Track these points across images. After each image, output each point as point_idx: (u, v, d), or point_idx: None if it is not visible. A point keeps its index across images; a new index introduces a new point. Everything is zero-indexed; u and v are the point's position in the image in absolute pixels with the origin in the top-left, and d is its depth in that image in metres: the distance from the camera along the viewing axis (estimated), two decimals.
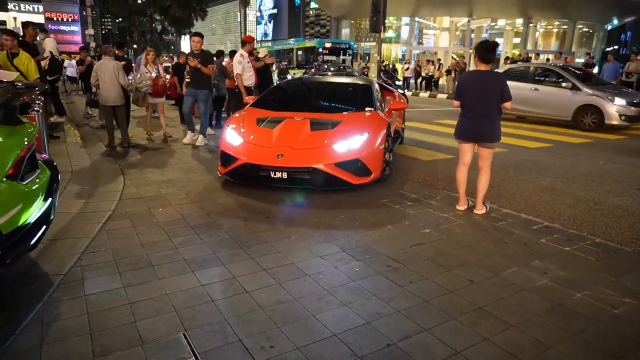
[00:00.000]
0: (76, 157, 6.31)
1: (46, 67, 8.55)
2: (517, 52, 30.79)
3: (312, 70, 21.07)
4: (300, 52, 29.72)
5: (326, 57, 26.34)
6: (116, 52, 8.64)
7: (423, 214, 4.24)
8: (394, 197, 4.74)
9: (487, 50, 4.08)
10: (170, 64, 14.25)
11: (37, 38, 8.73)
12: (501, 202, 4.75)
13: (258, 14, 56.48)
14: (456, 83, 4.46)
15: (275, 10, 53.26)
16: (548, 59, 20.25)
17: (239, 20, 49.06)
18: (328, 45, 28.49)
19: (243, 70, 7.41)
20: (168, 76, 9.58)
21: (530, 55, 20.38)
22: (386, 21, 28.19)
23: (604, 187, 5.37)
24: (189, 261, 3.13)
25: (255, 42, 8.01)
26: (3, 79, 4.76)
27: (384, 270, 3.05)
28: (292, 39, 34.59)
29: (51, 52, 9.34)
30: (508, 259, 3.29)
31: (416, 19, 35.13)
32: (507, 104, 4.14)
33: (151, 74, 7.83)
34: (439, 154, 7.22)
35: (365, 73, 23.65)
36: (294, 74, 24.24)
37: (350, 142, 4.75)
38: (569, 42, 33.16)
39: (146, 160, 6.29)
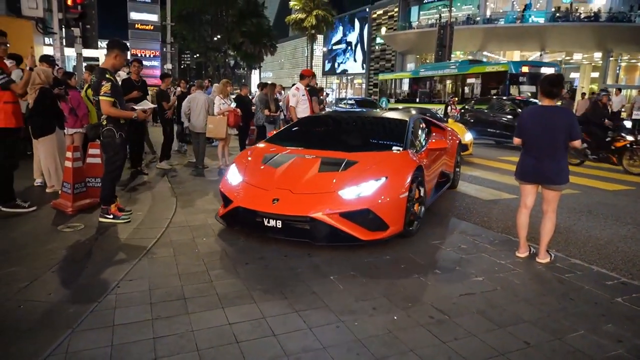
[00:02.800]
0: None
1: None
2: (595, 86, 28.98)
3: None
4: (472, 81, 20.44)
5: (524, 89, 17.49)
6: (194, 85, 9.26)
7: (477, 260, 3.87)
8: (447, 239, 4.40)
9: (552, 84, 3.75)
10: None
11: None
12: (569, 250, 4.26)
13: (325, 50, 58.20)
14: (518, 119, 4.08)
15: (343, 46, 54.56)
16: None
17: (305, 55, 50.81)
18: (527, 69, 18.02)
19: (297, 103, 7.47)
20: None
21: (608, 90, 18.96)
22: (452, 55, 27.86)
23: None
24: (221, 296, 3.03)
25: (313, 76, 8.04)
26: (145, 107, 5.19)
27: (426, 322, 2.76)
28: (454, 61, 23.97)
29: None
30: (574, 319, 2.86)
31: (484, 53, 34.34)
32: (577, 143, 3.74)
33: (228, 104, 8.12)
34: (501, 193, 6.75)
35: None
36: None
37: (362, 188, 3.96)
38: None
39: (201, 189, 6.42)
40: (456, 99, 17.85)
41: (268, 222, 3.92)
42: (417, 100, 23.33)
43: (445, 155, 5.94)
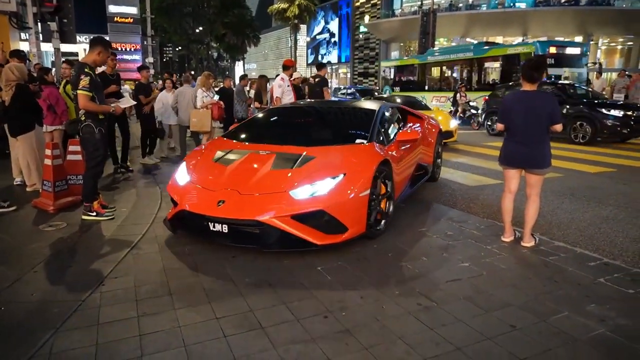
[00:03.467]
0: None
1: None
2: None
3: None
4: (490, 65, 18.40)
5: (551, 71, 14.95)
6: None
7: (463, 245, 3.90)
8: (433, 226, 4.42)
9: (533, 68, 3.76)
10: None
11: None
12: (553, 233, 4.31)
13: (308, 39, 57.78)
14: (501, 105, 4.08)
15: (326, 36, 54.20)
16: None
17: (289, 45, 50.38)
18: (554, 50, 15.80)
19: (282, 94, 7.42)
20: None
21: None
22: (436, 42, 27.85)
23: None
24: (207, 291, 3.01)
25: (295, 65, 7.99)
26: (127, 104, 5.07)
27: (414, 310, 2.77)
28: (466, 45, 22.54)
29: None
30: (559, 301, 2.90)
31: (467, 39, 34.46)
32: (558, 127, 3.77)
33: (211, 97, 8.00)
34: (485, 179, 6.80)
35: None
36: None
37: (317, 187, 3.57)
38: (634, 59, 31.16)
39: None
40: (464, 86, 16.42)
41: (213, 226, 3.53)
42: (426, 87, 21.01)
43: (421, 146, 5.60)
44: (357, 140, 4.38)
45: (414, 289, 3.04)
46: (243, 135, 4.91)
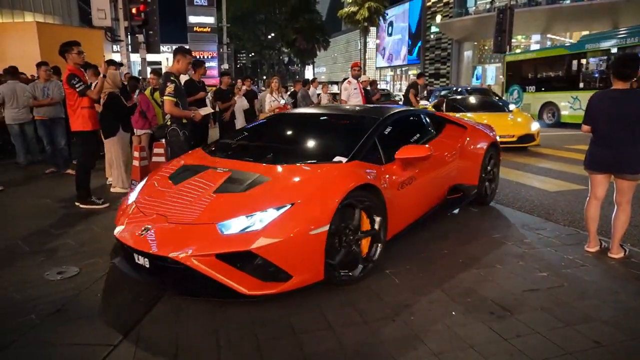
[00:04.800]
0: None
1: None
2: None
3: None
4: None
5: None
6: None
7: (542, 254, 3.69)
8: (509, 232, 4.22)
9: (625, 65, 3.47)
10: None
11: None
12: None
13: (377, 41, 57.48)
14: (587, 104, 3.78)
15: (399, 36, 53.59)
16: None
17: (359, 48, 50.50)
18: None
19: (349, 97, 7.47)
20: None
21: None
22: (513, 40, 26.45)
23: None
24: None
25: (359, 67, 7.88)
26: (204, 113, 5.46)
27: (486, 318, 2.67)
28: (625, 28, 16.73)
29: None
30: None
31: (548, 35, 32.37)
32: None
33: (278, 101, 8.24)
34: (567, 184, 6.36)
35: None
36: None
37: (254, 219, 2.78)
38: None
39: None
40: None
41: (138, 258, 2.90)
42: (581, 85, 15.65)
43: (457, 162, 4.57)
44: (336, 158, 3.40)
45: (487, 297, 2.93)
46: (217, 147, 4.19)
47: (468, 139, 4.85)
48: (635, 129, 3.44)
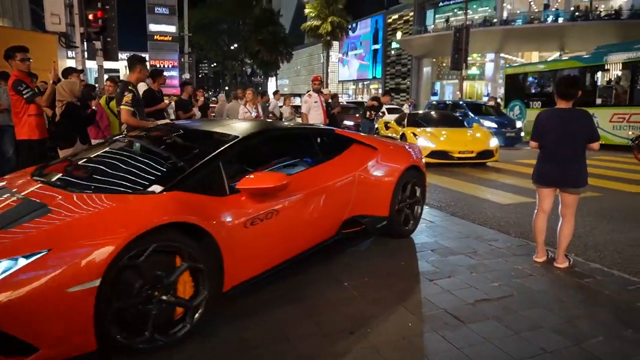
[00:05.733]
0: None
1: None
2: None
3: None
4: None
5: None
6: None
7: (494, 265, 3.83)
8: (462, 244, 4.36)
9: (569, 86, 3.71)
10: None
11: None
12: (588, 255, 4.18)
13: (340, 55, 58.40)
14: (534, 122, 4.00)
15: (361, 51, 54.60)
16: None
17: (321, 61, 51.11)
18: None
19: (309, 110, 7.53)
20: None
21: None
22: (469, 58, 27.55)
23: None
24: (239, 307, 3.07)
25: (319, 82, 7.90)
26: (151, 124, 5.28)
27: (440, 327, 2.74)
28: None
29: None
30: (594, 325, 2.80)
31: (501, 55, 33.99)
32: (595, 145, 3.70)
33: (251, 113, 8.18)
34: (517, 197, 6.65)
35: None
36: None
37: None
38: None
39: None
40: None
41: None
42: (598, 101, 14.08)
43: (356, 189, 3.89)
44: (152, 187, 2.73)
45: (441, 307, 3.01)
46: (48, 166, 3.50)
47: (376, 161, 4.12)
48: (578, 147, 3.67)
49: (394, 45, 46.83)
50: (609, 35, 28.03)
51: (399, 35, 43.77)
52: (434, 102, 19.91)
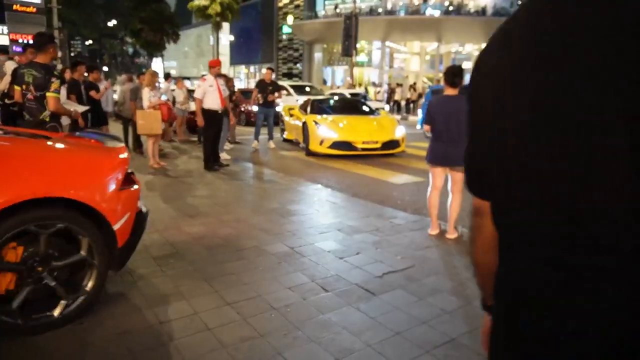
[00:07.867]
0: None
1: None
2: None
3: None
4: None
5: None
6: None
7: (395, 240, 4.16)
8: (365, 222, 4.65)
9: (455, 75, 4.12)
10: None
11: None
12: None
13: (232, 37, 56.79)
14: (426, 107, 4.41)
15: (253, 34, 53.57)
16: None
17: (211, 44, 49.20)
18: None
19: (203, 95, 7.24)
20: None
21: None
22: (357, 45, 28.68)
23: None
24: (147, 297, 2.93)
25: (219, 67, 7.61)
26: (72, 109, 4.74)
27: (355, 301, 2.93)
28: None
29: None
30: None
31: (387, 43, 35.97)
32: None
33: (159, 97, 7.57)
34: (411, 177, 7.23)
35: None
36: None
37: None
38: None
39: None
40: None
41: None
42: None
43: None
44: None
45: (354, 282, 3.21)
46: None
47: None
48: (462, 128, 4.11)
49: (286, 29, 46.83)
50: (476, 29, 31.29)
51: (290, 19, 43.82)
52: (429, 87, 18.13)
